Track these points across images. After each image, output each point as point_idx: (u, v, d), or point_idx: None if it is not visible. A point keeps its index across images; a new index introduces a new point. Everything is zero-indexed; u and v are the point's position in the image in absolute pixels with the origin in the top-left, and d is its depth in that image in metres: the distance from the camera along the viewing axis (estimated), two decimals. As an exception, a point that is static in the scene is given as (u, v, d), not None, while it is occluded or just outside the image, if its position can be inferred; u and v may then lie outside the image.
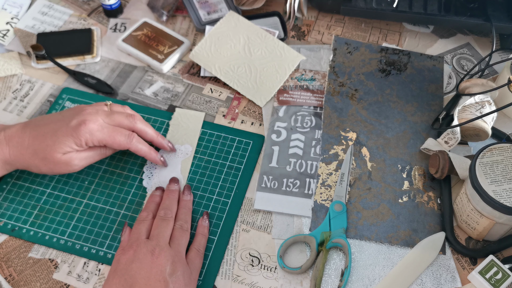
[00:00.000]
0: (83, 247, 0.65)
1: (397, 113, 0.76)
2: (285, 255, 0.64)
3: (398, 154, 0.72)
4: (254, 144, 0.74)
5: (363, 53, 0.82)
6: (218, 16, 0.87)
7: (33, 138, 0.64)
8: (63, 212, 0.68)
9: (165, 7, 0.88)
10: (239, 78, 0.79)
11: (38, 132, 0.64)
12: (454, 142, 0.68)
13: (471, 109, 0.68)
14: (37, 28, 0.88)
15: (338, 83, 0.79)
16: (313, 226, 0.66)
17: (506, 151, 0.61)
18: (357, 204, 0.67)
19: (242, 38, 0.82)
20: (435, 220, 0.66)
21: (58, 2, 0.92)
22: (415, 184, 0.69)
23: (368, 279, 0.62)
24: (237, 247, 0.65)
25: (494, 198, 0.57)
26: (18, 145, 0.64)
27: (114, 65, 0.84)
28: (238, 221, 0.67)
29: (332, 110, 0.76)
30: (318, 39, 0.86)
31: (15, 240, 0.66)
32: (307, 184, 0.69)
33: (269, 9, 0.90)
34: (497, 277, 0.60)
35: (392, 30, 0.88)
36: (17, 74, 0.83)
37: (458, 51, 0.85)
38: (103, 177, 0.71)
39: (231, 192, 0.69)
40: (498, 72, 0.82)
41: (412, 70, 0.81)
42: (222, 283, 0.62)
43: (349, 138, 0.73)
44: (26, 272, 0.63)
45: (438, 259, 0.64)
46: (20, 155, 0.64)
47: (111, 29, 0.88)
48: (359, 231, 0.65)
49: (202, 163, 0.72)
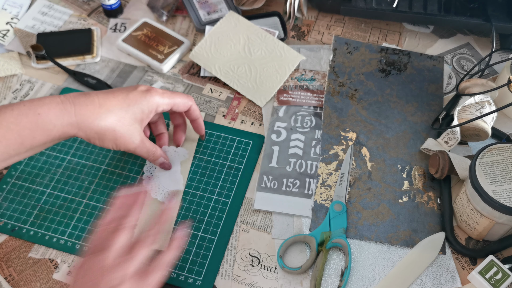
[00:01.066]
0: (83, 247, 0.65)
1: (397, 113, 0.76)
2: (285, 255, 0.64)
3: (398, 154, 0.72)
4: (254, 144, 0.74)
5: (363, 53, 0.82)
6: (218, 16, 0.87)
7: (103, 95, 0.59)
8: (63, 212, 0.68)
9: (165, 7, 0.89)
10: (239, 78, 0.79)
11: (108, 92, 0.60)
12: (454, 142, 0.68)
13: (471, 109, 0.68)
14: (37, 28, 0.88)
15: (338, 83, 0.79)
16: (313, 226, 0.66)
17: (506, 151, 0.61)
18: (357, 204, 0.67)
19: (242, 38, 0.82)
20: (435, 220, 0.66)
21: (58, 2, 0.92)
22: (415, 184, 0.69)
23: (368, 279, 0.62)
24: (237, 247, 0.65)
25: (494, 198, 0.57)
26: (87, 101, 0.58)
27: (114, 65, 0.84)
28: (238, 221, 0.67)
29: (332, 110, 0.76)
30: (318, 39, 0.86)
31: (15, 240, 0.66)
32: (307, 184, 0.69)
33: (269, 9, 0.90)
34: (497, 277, 0.60)
35: (392, 30, 0.88)
36: (17, 74, 0.83)
37: (458, 51, 0.85)
38: (103, 177, 0.71)
39: (231, 192, 0.69)
40: (498, 72, 0.82)
41: (412, 70, 0.81)
42: (222, 283, 0.62)
43: (349, 138, 0.73)
44: (26, 272, 0.63)
45: (438, 259, 0.64)
46: (89, 114, 0.58)
47: (111, 29, 0.88)
48: (359, 231, 0.65)
49: (202, 163, 0.72)
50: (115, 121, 0.59)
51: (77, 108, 0.57)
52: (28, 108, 0.55)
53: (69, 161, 0.72)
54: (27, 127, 0.55)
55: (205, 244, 0.65)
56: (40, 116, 0.55)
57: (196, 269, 0.63)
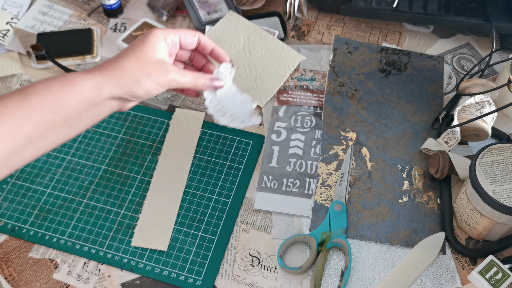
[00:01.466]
0: (83, 247, 0.65)
1: (397, 113, 0.76)
2: (285, 255, 0.64)
3: (398, 154, 0.72)
4: (254, 144, 0.74)
5: (363, 53, 0.82)
6: (218, 16, 0.87)
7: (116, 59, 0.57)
8: (63, 212, 0.68)
9: (165, 7, 0.88)
10: (239, 78, 0.79)
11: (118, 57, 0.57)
12: (454, 142, 0.68)
13: (471, 109, 0.68)
14: (37, 28, 0.88)
15: (338, 83, 0.79)
16: (313, 226, 0.66)
17: (506, 151, 0.61)
18: (357, 204, 0.67)
19: (242, 38, 0.82)
20: (435, 220, 0.66)
21: (58, 2, 0.92)
22: (415, 184, 0.69)
23: (368, 279, 0.62)
24: (237, 247, 0.65)
25: (494, 198, 0.57)
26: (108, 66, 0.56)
27: (114, 65, 0.84)
28: (238, 221, 0.67)
29: (332, 110, 0.76)
30: (318, 39, 0.86)
31: (15, 240, 0.66)
32: (307, 184, 0.69)
33: (269, 9, 0.90)
34: (497, 277, 0.60)
35: (392, 30, 0.88)
36: (17, 74, 0.83)
37: (458, 51, 0.85)
38: (103, 177, 0.71)
39: (231, 192, 0.69)
40: (498, 72, 0.82)
41: (412, 70, 0.81)
42: (222, 283, 0.62)
43: (349, 138, 0.73)
44: (26, 272, 0.63)
45: (438, 259, 0.64)
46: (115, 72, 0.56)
47: (111, 29, 0.88)
48: (359, 231, 0.65)
49: (202, 163, 0.72)
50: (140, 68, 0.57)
51: (101, 71, 0.56)
52: (57, 76, 0.54)
53: (69, 161, 0.72)
54: (58, 91, 0.53)
55: (205, 244, 0.65)
56: (68, 80, 0.54)
57: (196, 269, 0.63)
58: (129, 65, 0.56)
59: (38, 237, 0.66)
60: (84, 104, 0.54)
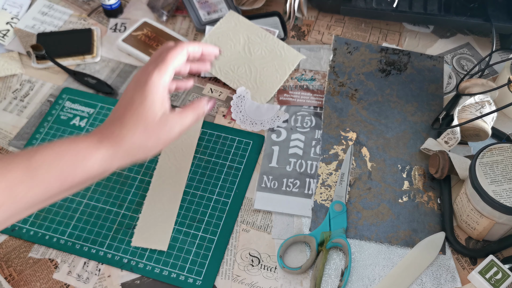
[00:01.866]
0: (83, 247, 0.65)
1: (397, 113, 0.76)
2: (285, 255, 0.64)
3: (398, 154, 0.72)
4: (254, 144, 0.74)
5: (363, 53, 0.82)
6: (218, 16, 0.87)
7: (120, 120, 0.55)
8: (63, 212, 0.68)
9: (165, 7, 0.88)
10: (239, 78, 0.79)
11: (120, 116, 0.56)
12: (454, 142, 0.68)
13: (471, 109, 0.68)
14: (37, 28, 0.88)
15: (338, 83, 0.79)
16: (313, 226, 0.66)
17: (506, 151, 0.61)
18: (357, 204, 0.67)
19: (242, 38, 0.82)
20: (435, 220, 0.66)
21: (58, 2, 0.92)
22: (415, 184, 0.69)
23: (368, 279, 0.62)
24: (237, 247, 0.65)
25: (494, 198, 0.57)
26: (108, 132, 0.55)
27: (114, 65, 0.84)
28: (238, 221, 0.67)
29: (332, 110, 0.76)
30: (318, 39, 0.86)
31: (15, 240, 0.66)
32: (307, 184, 0.69)
33: (269, 9, 0.90)
34: (497, 277, 0.60)
35: (392, 30, 0.88)
36: (17, 74, 0.83)
37: (458, 51, 0.85)
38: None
39: (231, 192, 0.69)
40: (498, 72, 0.82)
41: (412, 70, 0.81)
42: (222, 283, 0.62)
43: (349, 138, 0.73)
44: (26, 272, 0.63)
45: (438, 259, 0.64)
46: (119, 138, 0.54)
47: (111, 29, 0.88)
48: (359, 231, 0.65)
49: (202, 163, 0.72)
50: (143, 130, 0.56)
51: (111, 141, 0.55)
52: (67, 144, 0.53)
53: (69, 161, 0.72)
54: (67, 165, 0.52)
55: (205, 244, 0.65)
56: (79, 153, 0.53)
57: (196, 269, 0.63)
58: (137, 136, 0.55)
59: (38, 237, 0.66)
60: (92, 176, 0.53)
